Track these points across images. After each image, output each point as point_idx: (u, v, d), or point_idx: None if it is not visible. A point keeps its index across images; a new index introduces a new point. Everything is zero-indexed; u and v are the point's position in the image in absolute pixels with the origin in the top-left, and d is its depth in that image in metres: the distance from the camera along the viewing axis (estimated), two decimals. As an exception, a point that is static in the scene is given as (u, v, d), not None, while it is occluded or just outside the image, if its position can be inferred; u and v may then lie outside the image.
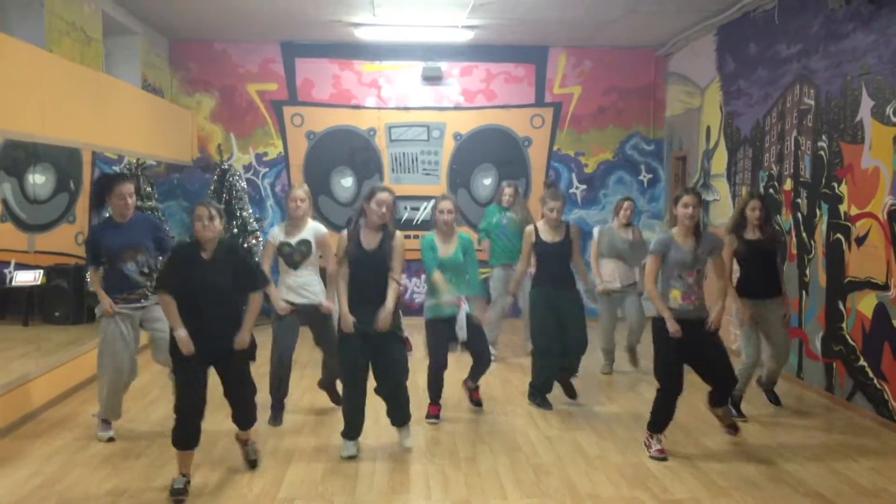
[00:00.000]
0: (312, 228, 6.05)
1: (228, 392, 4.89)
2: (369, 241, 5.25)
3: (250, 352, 4.87)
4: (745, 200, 6.23)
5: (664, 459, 5.24)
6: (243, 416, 4.96)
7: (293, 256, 5.98)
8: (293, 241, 6.00)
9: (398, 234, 5.33)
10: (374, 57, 10.77)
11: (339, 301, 5.31)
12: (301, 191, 6.02)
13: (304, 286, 5.99)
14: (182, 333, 4.61)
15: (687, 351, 5.25)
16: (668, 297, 5.28)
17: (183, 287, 4.66)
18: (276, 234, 6.07)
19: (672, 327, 5.16)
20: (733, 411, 6.03)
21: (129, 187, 5.62)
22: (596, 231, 7.84)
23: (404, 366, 5.40)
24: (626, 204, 7.72)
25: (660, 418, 5.38)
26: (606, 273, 7.59)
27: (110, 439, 5.58)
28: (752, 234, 6.15)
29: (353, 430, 5.37)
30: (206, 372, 4.74)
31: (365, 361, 5.29)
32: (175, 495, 4.54)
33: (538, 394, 6.56)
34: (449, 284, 5.91)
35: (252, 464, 5.09)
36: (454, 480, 4.92)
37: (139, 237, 5.62)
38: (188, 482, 4.64)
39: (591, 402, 6.72)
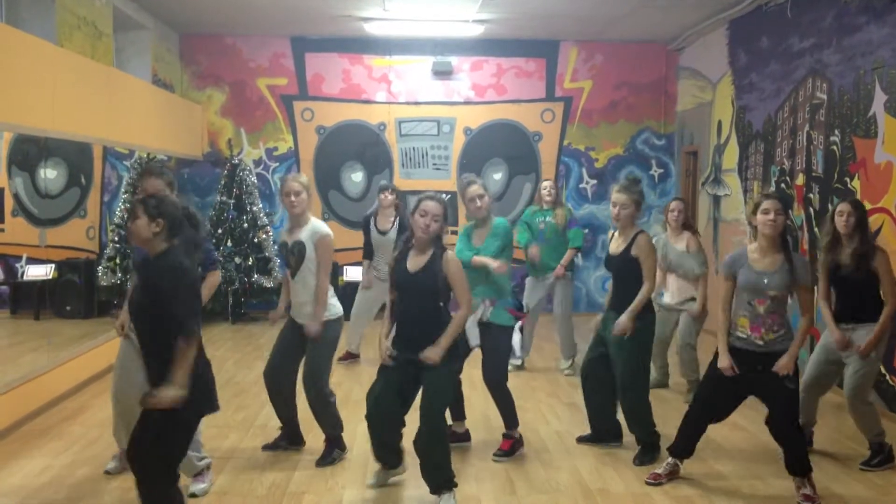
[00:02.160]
0: (311, 228, 4.99)
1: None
2: (415, 261, 4.40)
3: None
4: (835, 206, 5.10)
5: (658, 485, 4.73)
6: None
7: (288, 260, 5.05)
8: (290, 241, 5.04)
9: (450, 253, 4.41)
10: (384, 51, 10.76)
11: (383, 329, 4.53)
12: (296, 183, 4.96)
13: (299, 301, 5.04)
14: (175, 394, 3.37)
15: (745, 388, 4.58)
16: (736, 325, 4.51)
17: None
18: (281, 233, 5.31)
19: (723, 363, 4.45)
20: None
21: (155, 183, 4.61)
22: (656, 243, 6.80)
23: (443, 413, 4.46)
24: (672, 205, 6.72)
25: (681, 436, 4.79)
26: (673, 287, 6.66)
27: (107, 472, 4.85)
28: (843, 250, 4.99)
29: (384, 459, 4.67)
30: None
31: (395, 397, 4.42)
32: None
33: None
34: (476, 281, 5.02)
35: None
36: (464, 475, 4.91)
37: None
38: None
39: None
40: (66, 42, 6.96)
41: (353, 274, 9.81)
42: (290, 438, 5.30)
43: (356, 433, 5.64)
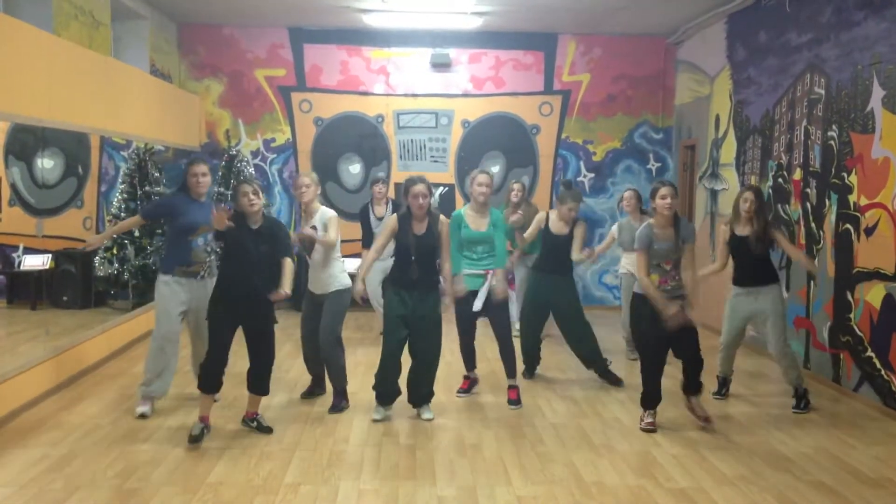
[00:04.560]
0: (320, 214, 5.98)
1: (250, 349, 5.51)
2: (418, 227, 5.74)
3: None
4: (740, 193, 6.32)
5: (653, 431, 5.61)
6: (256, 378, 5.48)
7: (305, 245, 6.05)
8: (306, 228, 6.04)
9: (443, 217, 5.89)
10: (382, 43, 10.74)
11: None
12: (307, 177, 6.03)
13: (316, 275, 6.03)
14: None
15: (664, 330, 5.53)
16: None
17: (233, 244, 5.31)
18: (302, 229, 6.17)
19: (671, 309, 5.50)
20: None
21: (201, 167, 5.90)
22: (615, 228, 7.79)
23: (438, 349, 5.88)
24: (626, 194, 7.70)
25: (647, 391, 5.73)
26: (625, 260, 7.66)
27: (142, 416, 5.75)
28: (742, 229, 6.20)
29: (386, 397, 5.85)
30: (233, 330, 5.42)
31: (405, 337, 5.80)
32: (191, 441, 5.15)
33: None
34: (476, 259, 6.16)
35: (268, 430, 5.48)
36: (460, 466, 4.94)
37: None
38: (205, 428, 5.27)
39: (596, 389, 6.72)
40: (63, 31, 6.93)
41: (350, 265, 9.77)
42: (320, 385, 6.36)
43: (352, 426, 5.67)
